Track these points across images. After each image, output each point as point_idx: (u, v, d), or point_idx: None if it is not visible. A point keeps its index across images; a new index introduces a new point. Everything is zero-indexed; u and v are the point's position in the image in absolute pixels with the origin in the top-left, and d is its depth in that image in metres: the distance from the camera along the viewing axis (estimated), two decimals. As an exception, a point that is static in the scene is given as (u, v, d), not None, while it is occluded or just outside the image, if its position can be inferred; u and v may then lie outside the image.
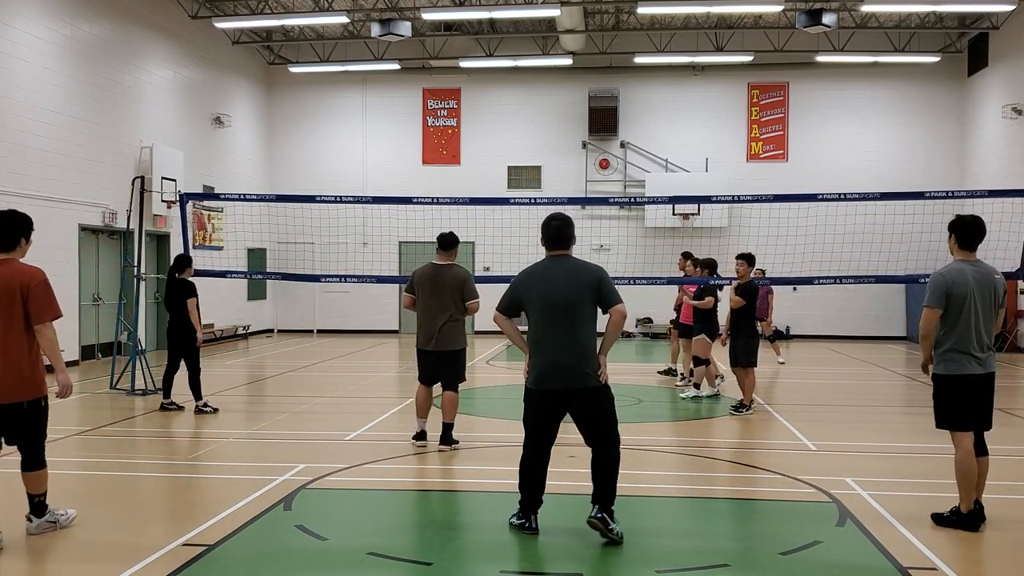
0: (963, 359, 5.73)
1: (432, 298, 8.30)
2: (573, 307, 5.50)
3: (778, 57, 21.91)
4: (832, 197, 12.29)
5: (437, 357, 8.37)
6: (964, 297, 5.69)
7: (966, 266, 5.82)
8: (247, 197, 18.55)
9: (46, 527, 5.64)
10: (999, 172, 19.87)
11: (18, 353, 5.35)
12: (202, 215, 20.29)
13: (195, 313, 10.39)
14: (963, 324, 5.71)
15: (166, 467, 7.87)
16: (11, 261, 5.46)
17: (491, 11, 19.19)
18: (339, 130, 24.17)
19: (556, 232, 5.70)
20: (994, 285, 5.82)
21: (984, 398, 5.85)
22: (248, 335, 22.31)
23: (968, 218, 5.94)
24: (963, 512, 5.80)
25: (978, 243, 5.89)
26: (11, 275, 5.36)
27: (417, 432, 8.51)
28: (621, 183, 23.22)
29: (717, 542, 5.75)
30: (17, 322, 5.33)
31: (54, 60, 15.28)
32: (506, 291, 5.78)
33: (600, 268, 5.70)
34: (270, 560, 5.24)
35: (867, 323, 22.39)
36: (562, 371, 5.47)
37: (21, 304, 5.33)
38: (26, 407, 5.41)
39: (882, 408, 11.70)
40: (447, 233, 8.61)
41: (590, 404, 5.53)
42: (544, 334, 5.53)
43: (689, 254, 13.58)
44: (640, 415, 10.74)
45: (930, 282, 5.79)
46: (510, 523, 5.75)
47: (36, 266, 5.58)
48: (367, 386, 13.56)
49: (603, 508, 5.47)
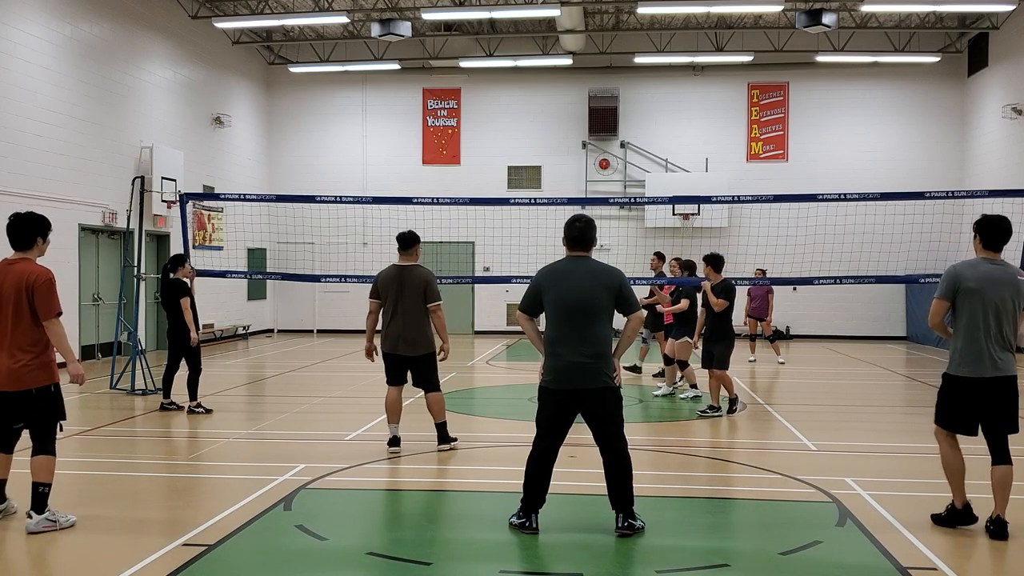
0: (972, 360, 5.60)
1: (398, 302, 8.03)
2: (592, 308, 5.55)
3: (778, 57, 21.91)
4: (832, 197, 12.28)
5: (405, 361, 8.13)
6: (974, 292, 5.56)
7: (984, 263, 5.67)
8: (247, 197, 18.56)
9: (46, 525, 5.68)
10: (999, 172, 19.87)
11: (25, 344, 5.72)
12: (202, 215, 20.29)
13: (189, 313, 10.34)
14: (972, 322, 5.59)
15: (166, 467, 7.87)
16: (25, 260, 5.87)
17: (491, 11, 19.19)
18: (339, 130, 24.17)
19: (580, 233, 5.73)
20: (1017, 286, 5.64)
21: (995, 401, 5.61)
22: (248, 335, 22.31)
23: (994, 218, 5.76)
24: (957, 508, 5.77)
25: (1003, 243, 5.72)
26: (21, 273, 5.76)
27: (390, 438, 8.25)
28: (621, 183, 23.22)
29: (717, 542, 5.75)
30: (24, 317, 5.72)
31: (54, 60, 15.28)
32: (527, 290, 5.80)
33: (620, 272, 5.76)
34: (270, 560, 5.24)
35: (867, 323, 22.40)
36: (579, 371, 5.51)
37: (27, 300, 5.71)
38: (35, 393, 5.76)
39: (882, 408, 11.70)
40: (406, 232, 8.27)
41: (603, 404, 5.58)
42: (562, 334, 5.56)
43: (661, 254, 13.56)
44: (640, 415, 10.74)
45: (944, 275, 5.76)
46: (510, 523, 5.76)
47: (44, 266, 5.89)
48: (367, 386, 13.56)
49: (627, 515, 5.59)
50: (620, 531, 5.57)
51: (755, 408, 11.10)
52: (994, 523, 5.62)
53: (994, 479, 5.66)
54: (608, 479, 5.62)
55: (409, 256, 8.21)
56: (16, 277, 5.74)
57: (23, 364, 5.71)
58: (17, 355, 5.71)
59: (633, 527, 5.58)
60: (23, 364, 5.71)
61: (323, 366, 15.93)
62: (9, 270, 5.79)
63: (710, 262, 10.39)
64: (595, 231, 5.80)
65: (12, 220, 5.90)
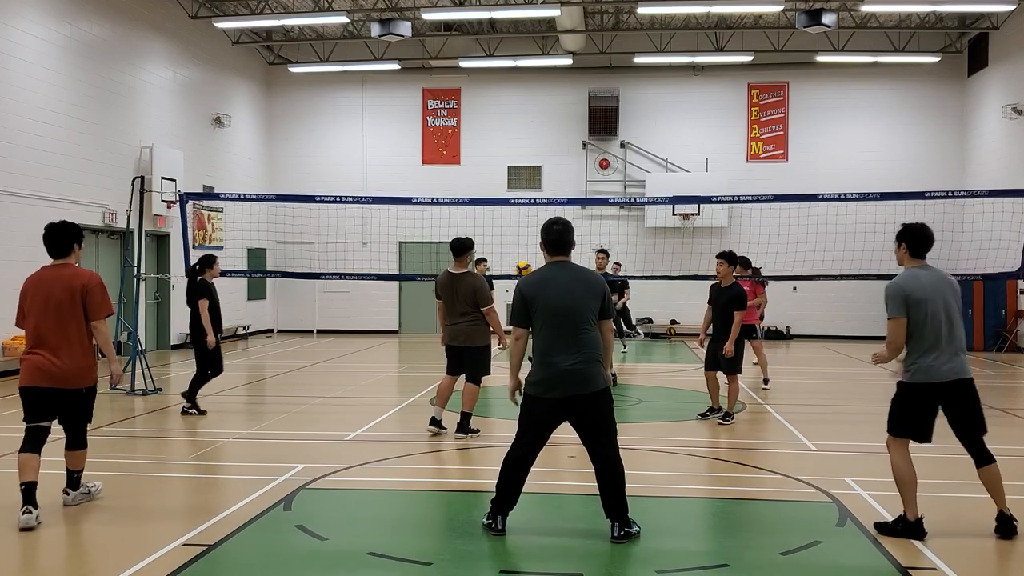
0: (929, 367, 5.60)
1: (451, 304, 8.81)
2: (584, 314, 5.49)
3: (778, 57, 21.91)
4: (832, 197, 12.30)
5: (460, 351, 8.84)
6: (923, 302, 5.59)
7: (920, 272, 5.72)
8: (247, 197, 18.54)
9: (80, 499, 6.28)
10: (999, 172, 19.87)
11: (78, 346, 6.05)
12: (202, 215, 20.29)
13: (205, 314, 10.28)
14: (930, 330, 5.59)
15: (166, 467, 7.87)
16: (68, 265, 6.21)
17: (491, 11, 19.19)
18: (339, 130, 24.17)
19: (559, 237, 5.66)
20: (952, 285, 5.74)
21: (958, 406, 5.65)
22: (248, 335, 22.31)
23: (917, 226, 5.83)
24: (909, 520, 5.64)
25: (927, 250, 5.80)
26: (71, 277, 6.10)
27: (432, 418, 8.97)
28: (621, 183, 23.22)
29: (717, 542, 5.75)
30: (76, 319, 6.04)
31: (54, 60, 15.28)
32: (515, 304, 5.65)
33: (602, 278, 5.80)
34: (270, 560, 5.24)
35: (867, 323, 22.37)
36: (576, 377, 5.42)
37: (80, 303, 6.04)
38: (84, 392, 6.14)
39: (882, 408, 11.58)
40: (458, 239, 8.92)
41: (600, 408, 5.49)
42: (555, 342, 5.46)
43: (606, 250, 13.29)
44: (640, 415, 10.74)
45: (887, 294, 5.68)
46: (482, 523, 5.71)
47: (91, 270, 6.30)
48: (367, 386, 13.57)
49: (623, 524, 5.49)
50: (616, 540, 5.46)
51: (755, 408, 11.09)
52: (1000, 520, 5.61)
53: (984, 481, 5.66)
54: (602, 488, 5.50)
55: (460, 263, 8.86)
56: (66, 282, 6.04)
57: (74, 365, 6.00)
58: (69, 356, 5.98)
59: (629, 535, 5.48)
60: (74, 365, 6.00)
61: (323, 366, 15.92)
62: (57, 275, 6.09)
63: (740, 261, 10.20)
64: (573, 234, 5.75)
65: (49, 230, 6.20)
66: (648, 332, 22.75)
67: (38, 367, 5.96)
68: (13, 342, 13.91)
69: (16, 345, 13.91)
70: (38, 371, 5.96)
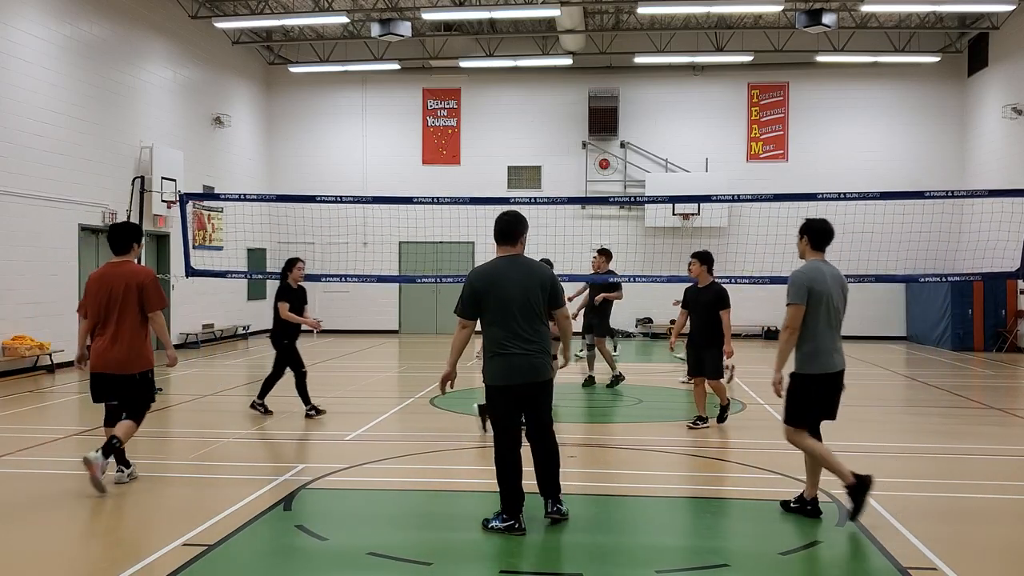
0: (826, 357, 5.89)
1: None
2: (534, 306, 5.70)
3: (778, 57, 21.91)
4: (832, 197, 12.29)
5: None
6: (823, 295, 5.90)
7: (822, 265, 6.07)
8: (247, 197, 18.55)
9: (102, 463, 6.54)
10: (999, 172, 19.87)
11: (133, 335, 6.77)
12: (202, 215, 20.29)
13: (287, 316, 10.41)
14: (824, 321, 5.90)
15: (166, 467, 7.87)
16: (127, 262, 6.93)
17: (491, 11, 19.19)
18: (339, 130, 24.17)
19: (504, 226, 5.81)
20: (844, 284, 6.13)
21: (836, 392, 6.00)
22: (248, 335, 22.30)
23: (819, 221, 6.21)
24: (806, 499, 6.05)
25: (827, 244, 6.18)
26: (129, 274, 6.82)
27: None
28: (621, 183, 23.22)
29: (717, 542, 5.75)
30: (132, 311, 6.75)
31: (54, 60, 15.28)
32: (463, 295, 5.78)
33: (549, 268, 6.00)
34: (270, 560, 5.24)
35: (867, 323, 22.36)
36: (528, 367, 5.65)
37: (137, 297, 6.74)
38: (138, 377, 6.83)
39: (882, 408, 11.70)
40: None
41: (547, 395, 5.79)
42: (508, 333, 5.64)
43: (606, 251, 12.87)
44: (640, 415, 10.74)
45: (791, 281, 5.98)
46: (493, 527, 5.66)
47: (146, 266, 6.52)
48: (367, 386, 13.57)
49: (555, 501, 5.80)
50: (550, 515, 5.75)
51: (754, 408, 11.09)
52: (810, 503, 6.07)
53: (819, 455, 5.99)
54: (539, 468, 5.77)
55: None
56: (125, 277, 6.76)
57: (131, 352, 6.73)
58: (126, 344, 6.72)
59: (561, 512, 5.76)
60: (131, 352, 6.73)
61: (323, 366, 15.92)
62: (117, 271, 6.82)
63: (698, 257, 9.55)
64: (523, 226, 5.87)
65: (112, 230, 6.99)
66: (648, 332, 22.77)
67: (99, 355, 6.75)
68: (13, 342, 13.92)
69: (16, 345, 13.93)
70: (99, 359, 6.76)
